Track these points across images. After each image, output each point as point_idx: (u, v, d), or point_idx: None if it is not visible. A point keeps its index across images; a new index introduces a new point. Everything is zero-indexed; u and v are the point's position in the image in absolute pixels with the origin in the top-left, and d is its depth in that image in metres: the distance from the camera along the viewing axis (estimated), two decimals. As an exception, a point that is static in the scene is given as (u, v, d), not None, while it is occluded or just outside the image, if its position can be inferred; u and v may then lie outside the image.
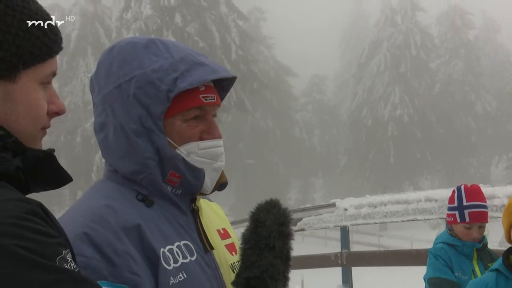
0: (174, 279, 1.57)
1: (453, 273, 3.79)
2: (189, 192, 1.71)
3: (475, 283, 3.03)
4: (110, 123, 1.67)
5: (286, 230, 1.62)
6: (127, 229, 1.55)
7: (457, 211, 3.89)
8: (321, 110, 44.38)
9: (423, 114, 38.08)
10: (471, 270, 3.78)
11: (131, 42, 1.70)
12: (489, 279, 2.94)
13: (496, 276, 2.93)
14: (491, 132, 40.16)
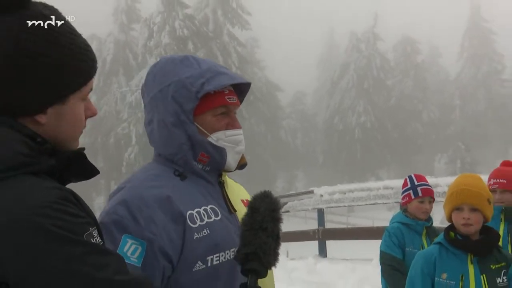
0: (198, 234, 1.61)
1: (405, 247, 3.80)
2: (215, 168, 1.76)
3: (423, 253, 2.99)
4: (155, 119, 1.73)
5: (277, 215, 1.60)
6: (158, 199, 1.60)
7: (411, 190, 3.89)
8: (303, 118, 44.34)
9: (382, 121, 38.18)
10: (420, 244, 3.77)
11: (170, 58, 1.79)
12: (433, 250, 2.93)
13: (439, 248, 2.92)
14: (434, 135, 40.25)
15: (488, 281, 2.88)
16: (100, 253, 1.15)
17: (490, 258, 2.92)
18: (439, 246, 2.98)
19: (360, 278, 8.38)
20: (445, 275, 2.90)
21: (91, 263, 1.11)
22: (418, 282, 2.98)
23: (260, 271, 1.53)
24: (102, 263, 1.14)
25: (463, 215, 2.89)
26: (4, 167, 1.13)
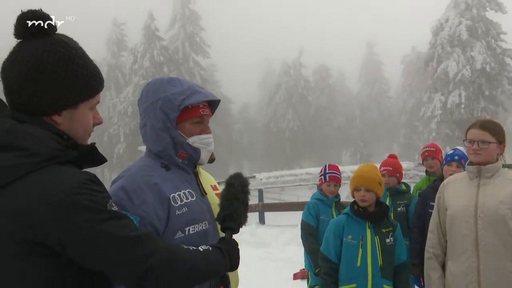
0: (179, 211, 1.64)
1: (320, 217, 3.82)
2: (192, 162, 1.79)
3: (335, 221, 3.01)
4: (147, 124, 1.75)
5: (246, 189, 1.68)
6: (149, 185, 1.62)
7: (323, 176, 3.94)
8: (248, 123, 44.56)
9: (305, 126, 38.79)
10: (331, 214, 3.81)
11: (160, 79, 1.80)
12: (342, 218, 2.94)
13: (346, 217, 2.93)
14: (342, 136, 41.11)
15: (380, 241, 2.92)
16: (119, 218, 1.20)
17: (382, 224, 2.96)
18: (346, 216, 3.00)
19: (288, 238, 8.45)
20: (350, 236, 2.93)
21: (113, 224, 1.17)
22: (331, 241, 2.99)
23: (235, 228, 1.61)
24: (121, 224, 1.19)
25: (361, 194, 2.92)
26: (41, 158, 1.16)
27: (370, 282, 2.80)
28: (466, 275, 2.68)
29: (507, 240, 2.60)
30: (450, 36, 22.60)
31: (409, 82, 38.39)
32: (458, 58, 22.31)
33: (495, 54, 22.40)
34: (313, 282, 3.79)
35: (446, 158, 3.69)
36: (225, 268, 1.49)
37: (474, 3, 22.66)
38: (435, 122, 23.22)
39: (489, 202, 2.63)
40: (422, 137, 27.35)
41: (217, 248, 1.47)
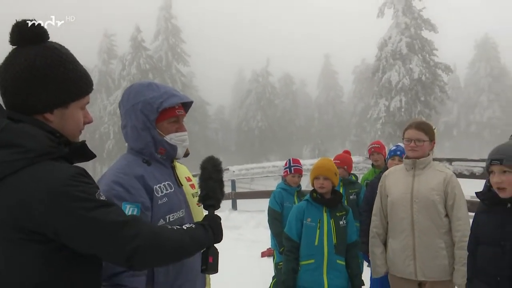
0: (160, 201, 1.61)
1: (284, 204, 3.83)
2: (169, 157, 1.75)
3: (297, 206, 3.02)
4: (129, 124, 1.70)
5: (218, 168, 1.65)
6: (137, 177, 1.59)
7: (288, 168, 3.94)
8: (222, 123, 44.29)
9: (272, 125, 38.85)
10: (293, 202, 3.82)
11: (139, 83, 1.75)
12: (303, 204, 2.95)
13: (306, 203, 2.94)
14: (302, 134, 41.42)
15: (334, 223, 2.93)
16: (107, 205, 1.17)
17: (336, 209, 2.98)
18: (306, 202, 3.01)
19: (257, 222, 8.44)
20: (309, 219, 2.93)
21: (102, 211, 1.14)
22: (293, 224, 2.99)
23: (215, 205, 1.58)
24: (109, 210, 1.16)
25: (320, 182, 2.93)
26: (36, 154, 1.13)
27: (326, 258, 2.83)
28: (404, 251, 2.76)
29: (437, 221, 2.70)
30: (392, 51, 23.08)
31: (359, 89, 39.02)
32: (399, 69, 22.82)
33: (429, 66, 23.03)
34: (278, 259, 3.80)
35: (390, 153, 3.77)
36: (209, 241, 1.46)
37: (412, 23, 23.22)
38: (380, 123, 23.71)
39: (422, 190, 2.71)
40: (370, 136, 27.86)
41: (200, 225, 1.45)
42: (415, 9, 23.34)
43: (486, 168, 2.01)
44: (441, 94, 23.54)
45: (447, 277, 2.68)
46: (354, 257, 2.94)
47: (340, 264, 2.86)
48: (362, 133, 35.59)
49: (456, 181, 2.73)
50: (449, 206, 2.67)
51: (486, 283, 1.99)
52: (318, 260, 2.83)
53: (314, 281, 2.82)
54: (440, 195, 2.68)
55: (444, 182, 2.68)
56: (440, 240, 2.68)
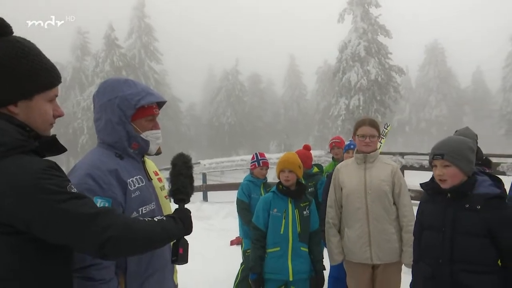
0: (133, 194, 1.57)
1: (251, 195, 3.83)
2: (141, 153, 1.71)
3: (264, 197, 3.03)
4: (103, 117, 1.63)
5: (189, 164, 1.64)
6: (110, 171, 1.53)
7: (256, 162, 3.93)
8: (194, 119, 43.71)
9: (241, 121, 38.73)
10: (259, 193, 3.83)
11: (116, 79, 1.69)
12: (269, 195, 2.96)
13: (273, 194, 2.96)
14: (269, 129, 41.58)
15: (299, 213, 2.96)
16: (79, 198, 1.14)
17: (300, 200, 3.00)
18: (272, 193, 3.02)
19: (226, 212, 8.43)
20: (275, 210, 2.95)
21: (73, 203, 1.11)
22: (261, 214, 3.00)
23: (184, 199, 1.58)
24: (81, 202, 1.13)
25: (285, 175, 2.94)
26: (6, 148, 1.09)
27: (290, 245, 2.86)
28: (360, 238, 2.84)
29: (388, 208, 2.80)
30: (352, 54, 23.53)
31: (322, 88, 39.51)
32: (357, 71, 23.31)
33: (384, 69, 23.65)
34: (246, 247, 3.81)
35: (345, 147, 3.86)
36: (180, 232, 1.46)
37: (369, 29, 23.74)
38: (341, 120, 24.17)
39: (374, 181, 2.80)
40: (331, 131, 28.35)
41: (171, 217, 1.44)
42: (372, 16, 23.86)
43: (429, 162, 2.09)
44: (395, 94, 24.26)
45: (397, 258, 2.80)
46: (316, 244, 3.00)
47: (303, 251, 2.91)
48: (324, 129, 36.15)
49: (400, 172, 2.88)
50: (396, 195, 2.79)
51: (429, 265, 2.08)
52: (283, 247, 2.86)
53: (279, 267, 2.86)
54: (389, 185, 2.79)
55: (392, 173, 2.80)
56: (391, 226, 2.78)
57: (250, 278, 2.93)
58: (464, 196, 1.97)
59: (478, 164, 3.21)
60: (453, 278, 1.96)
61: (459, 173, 1.98)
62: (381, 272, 2.84)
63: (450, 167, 1.98)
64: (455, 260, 1.96)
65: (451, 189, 2.01)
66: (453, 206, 2.00)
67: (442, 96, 39.59)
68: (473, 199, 1.94)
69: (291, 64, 44.50)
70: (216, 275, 4.81)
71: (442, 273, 2.00)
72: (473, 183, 1.99)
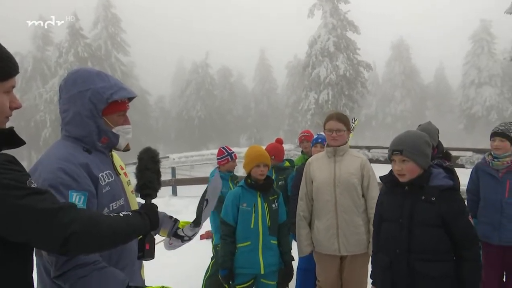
0: (104, 189, 1.54)
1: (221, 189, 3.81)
2: (110, 147, 1.68)
3: (232, 192, 3.02)
4: (71, 110, 1.57)
5: (156, 159, 1.62)
6: (81, 165, 1.49)
7: (228, 156, 3.91)
8: (163, 112, 42.99)
9: (211, 114, 38.39)
10: (228, 187, 3.81)
11: (88, 70, 1.63)
12: (238, 190, 2.97)
13: (241, 188, 2.97)
14: (240, 123, 41.51)
15: (268, 206, 2.98)
16: (39, 193, 1.10)
17: (269, 193, 3.03)
18: (241, 188, 3.02)
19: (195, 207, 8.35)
20: (245, 204, 2.95)
21: (34, 199, 1.07)
22: (230, 209, 3.00)
23: (151, 194, 1.56)
24: (42, 198, 1.09)
25: (261, 169, 2.95)
26: None
27: (261, 239, 2.89)
28: (328, 230, 2.90)
29: (356, 201, 2.87)
30: (321, 49, 23.83)
31: (292, 82, 39.81)
32: (327, 66, 23.66)
33: (353, 64, 24.14)
34: (216, 242, 3.80)
35: (313, 141, 3.92)
36: (146, 228, 1.44)
37: (339, 24, 24.11)
38: (310, 114, 24.50)
39: (343, 174, 2.86)
40: (301, 125, 28.65)
41: (137, 213, 1.42)
42: (341, 12, 24.24)
43: (388, 157, 2.17)
44: (362, 89, 24.82)
45: (364, 250, 2.88)
46: (285, 236, 3.04)
47: (273, 243, 2.94)
48: (294, 123, 36.48)
49: (369, 165, 2.93)
50: (365, 187, 2.86)
51: (388, 255, 2.17)
52: (253, 241, 2.88)
53: (251, 262, 2.88)
54: (358, 178, 2.86)
55: (361, 166, 2.87)
56: (359, 218, 2.86)
57: (220, 274, 2.93)
58: (421, 188, 2.06)
59: (438, 157, 3.36)
60: (410, 267, 2.05)
61: (416, 167, 2.06)
62: (349, 263, 2.92)
63: (408, 162, 2.06)
64: (412, 250, 2.05)
65: (409, 182, 2.09)
66: (410, 198, 2.07)
67: (406, 91, 40.86)
68: (429, 191, 2.03)
69: (261, 58, 44.49)
70: (186, 269, 4.78)
71: (399, 262, 2.08)
72: (429, 175, 2.07)
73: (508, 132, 3.08)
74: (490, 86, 34.13)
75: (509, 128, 3.11)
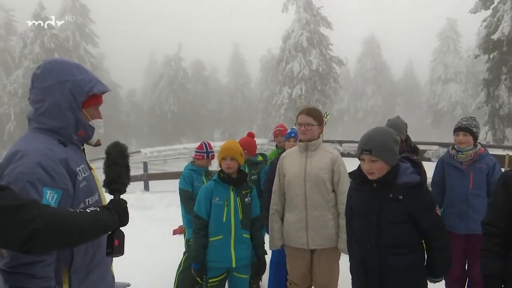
0: (81, 184, 1.51)
1: (194, 183, 3.78)
2: (84, 141, 1.65)
3: (205, 186, 3.01)
4: (48, 100, 1.51)
5: (124, 154, 1.61)
6: (60, 160, 1.44)
7: (205, 153, 3.88)
8: (135, 106, 42.12)
9: (184, 108, 37.94)
10: (202, 181, 3.79)
11: (66, 61, 1.59)
12: (211, 184, 2.96)
13: (214, 183, 2.96)
14: (213, 117, 41.27)
15: (241, 200, 2.99)
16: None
17: (242, 187, 3.03)
18: (214, 181, 3.02)
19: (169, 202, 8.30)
20: (217, 198, 2.95)
21: None
22: (202, 203, 2.99)
23: (120, 189, 1.54)
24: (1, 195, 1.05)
25: (227, 162, 2.95)
26: None
27: (233, 233, 2.89)
28: (297, 223, 2.94)
29: (326, 196, 2.91)
30: (295, 44, 23.97)
31: (266, 77, 39.85)
32: (300, 61, 23.84)
33: (325, 59, 24.44)
34: (189, 236, 3.78)
35: (286, 136, 3.95)
36: (115, 224, 1.43)
37: (312, 19, 24.31)
38: (284, 108, 24.67)
39: (314, 169, 2.90)
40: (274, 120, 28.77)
41: (105, 208, 1.40)
42: (315, 7, 24.44)
43: (358, 156, 2.20)
44: (334, 84, 25.19)
45: (333, 244, 2.93)
46: (257, 229, 3.05)
47: (245, 237, 2.95)
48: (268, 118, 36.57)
49: (341, 160, 2.97)
50: (335, 182, 2.90)
51: (358, 250, 2.24)
52: (226, 235, 2.88)
53: (223, 255, 2.88)
54: (328, 173, 2.90)
55: (331, 161, 2.90)
56: (328, 213, 2.91)
57: (192, 267, 2.91)
58: (389, 186, 2.10)
59: (407, 151, 3.46)
60: (381, 261, 2.12)
61: (385, 166, 2.10)
62: (318, 257, 2.97)
63: (378, 161, 2.10)
64: (382, 245, 2.11)
65: (377, 179, 2.12)
66: (379, 196, 2.12)
67: (377, 87, 41.80)
68: (397, 189, 2.08)
69: (235, 53, 44.29)
70: (158, 264, 4.74)
71: (370, 257, 2.15)
72: (397, 172, 2.11)
73: (471, 127, 3.21)
74: (455, 82, 35.47)
75: (472, 123, 3.25)
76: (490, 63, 15.34)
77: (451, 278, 3.35)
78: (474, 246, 3.09)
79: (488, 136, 15.21)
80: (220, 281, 2.94)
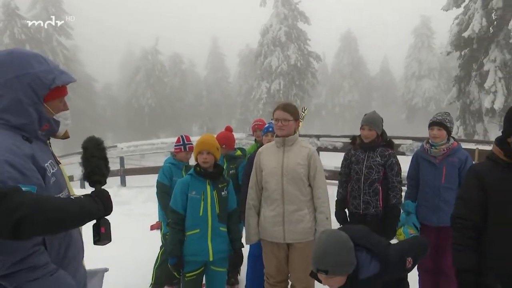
0: (51, 180, 1.47)
1: (173, 178, 3.74)
2: (49, 135, 1.58)
3: (181, 180, 2.98)
4: (7, 96, 1.42)
5: (101, 146, 1.62)
6: (28, 156, 1.39)
7: (182, 146, 3.84)
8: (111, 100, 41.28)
9: (161, 102, 37.55)
10: (181, 175, 3.76)
11: (23, 52, 1.49)
12: (187, 178, 2.93)
13: (190, 177, 2.93)
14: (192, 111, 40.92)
15: (217, 194, 2.98)
16: None
17: (218, 181, 3.02)
18: (190, 176, 3.00)
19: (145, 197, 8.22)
20: (194, 192, 2.93)
21: None
22: (179, 197, 2.97)
23: (100, 180, 1.55)
24: None
25: (203, 156, 2.93)
26: None
27: (210, 226, 2.88)
28: (274, 217, 2.95)
29: (303, 190, 2.93)
30: (273, 38, 24.00)
31: (244, 71, 39.80)
32: (278, 55, 23.90)
33: (303, 54, 24.59)
34: (165, 231, 3.76)
35: (264, 130, 3.95)
36: (99, 211, 1.44)
37: (290, 14, 24.38)
38: (262, 103, 24.71)
39: (291, 164, 2.92)
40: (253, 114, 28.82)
41: (89, 196, 1.41)
42: (292, 1, 24.49)
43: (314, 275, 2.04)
44: (312, 79, 25.42)
45: (310, 237, 2.95)
46: (234, 223, 3.05)
47: (222, 230, 2.95)
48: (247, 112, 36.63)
49: (316, 155, 3.00)
50: (311, 177, 2.92)
51: None
52: (202, 229, 2.87)
53: (200, 249, 2.87)
54: (305, 168, 2.92)
55: (308, 157, 2.93)
56: (304, 207, 2.93)
57: (169, 262, 2.89)
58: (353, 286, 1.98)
59: (382, 145, 3.53)
60: None
61: (343, 277, 1.98)
62: (295, 251, 2.99)
63: (335, 277, 1.97)
64: None
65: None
66: None
67: (354, 82, 42.43)
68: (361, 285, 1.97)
69: (213, 46, 43.95)
70: (136, 259, 4.69)
71: None
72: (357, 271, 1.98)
73: (445, 122, 3.29)
74: (429, 79, 36.41)
75: (446, 118, 3.33)
76: (461, 60, 15.81)
77: (423, 270, 3.44)
78: (445, 239, 3.16)
79: (459, 130, 15.71)
80: (197, 275, 2.93)
